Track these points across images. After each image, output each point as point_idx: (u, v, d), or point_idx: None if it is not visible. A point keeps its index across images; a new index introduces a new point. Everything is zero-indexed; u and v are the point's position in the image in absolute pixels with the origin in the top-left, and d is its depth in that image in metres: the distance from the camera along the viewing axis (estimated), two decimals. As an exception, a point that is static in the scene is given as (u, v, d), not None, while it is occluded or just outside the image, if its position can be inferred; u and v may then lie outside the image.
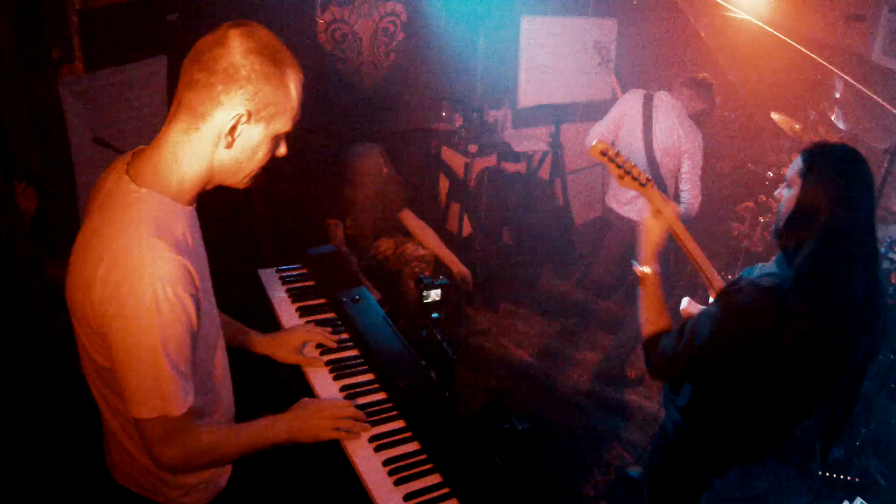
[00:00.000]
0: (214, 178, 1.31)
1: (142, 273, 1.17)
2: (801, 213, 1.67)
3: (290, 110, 1.29)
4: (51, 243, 2.59)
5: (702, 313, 1.77)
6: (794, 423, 1.91)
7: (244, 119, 1.23)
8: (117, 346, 1.21)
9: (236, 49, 1.20)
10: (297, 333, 1.93)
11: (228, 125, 1.23)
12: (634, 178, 1.99)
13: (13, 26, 2.35)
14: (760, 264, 1.93)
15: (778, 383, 1.75)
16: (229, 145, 1.26)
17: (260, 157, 1.31)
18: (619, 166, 1.99)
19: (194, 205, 1.33)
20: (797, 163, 1.72)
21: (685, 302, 2.13)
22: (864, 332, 1.73)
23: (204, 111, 1.22)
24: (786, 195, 1.74)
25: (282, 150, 1.36)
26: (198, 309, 1.27)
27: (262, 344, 1.88)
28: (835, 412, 2.02)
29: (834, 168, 1.65)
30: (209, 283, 1.41)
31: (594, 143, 2.01)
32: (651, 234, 1.93)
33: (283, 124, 1.29)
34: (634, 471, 3.09)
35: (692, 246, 1.97)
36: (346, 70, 4.03)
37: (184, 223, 1.28)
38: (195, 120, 1.23)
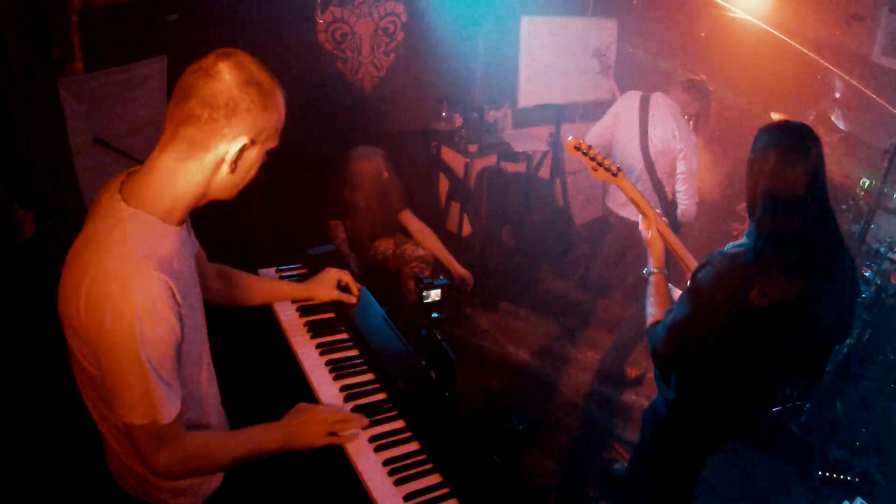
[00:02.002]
0: (208, 196, 1.36)
1: (123, 291, 1.20)
2: (751, 182, 1.87)
3: (279, 128, 1.36)
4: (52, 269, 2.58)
5: (682, 293, 1.94)
6: (772, 387, 2.07)
7: (247, 146, 1.30)
8: (104, 358, 1.24)
9: (232, 83, 1.25)
10: (330, 273, 2.18)
11: (233, 155, 1.29)
12: (606, 170, 2.30)
13: (14, 27, 2.34)
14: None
15: (754, 347, 1.88)
16: (233, 170, 1.32)
17: (253, 173, 1.39)
18: (591, 159, 2.29)
19: (184, 224, 1.38)
20: None
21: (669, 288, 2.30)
22: (831, 293, 1.85)
23: (207, 144, 1.27)
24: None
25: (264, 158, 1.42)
26: (181, 324, 1.30)
27: (302, 290, 2.13)
28: (804, 379, 2.14)
29: (770, 143, 1.83)
30: (197, 301, 1.45)
31: (569, 139, 2.30)
32: (654, 243, 2.23)
33: (274, 141, 1.37)
34: (620, 468, 3.10)
35: (671, 238, 2.27)
36: (346, 70, 4.03)
37: (170, 242, 1.32)
38: (196, 151, 1.27)
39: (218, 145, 1.27)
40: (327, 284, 2.14)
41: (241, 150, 1.29)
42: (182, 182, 1.30)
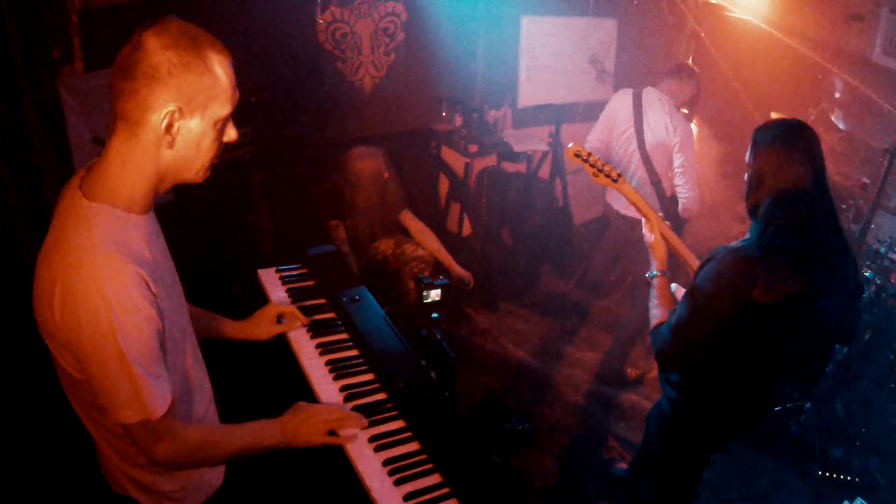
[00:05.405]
0: (165, 179, 1.30)
1: (95, 285, 1.18)
2: (753, 181, 1.89)
3: (223, 92, 1.26)
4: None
5: (686, 291, 1.95)
6: (776, 384, 2.07)
7: (177, 115, 1.22)
8: (85, 359, 1.22)
9: (151, 49, 1.19)
10: (267, 310, 1.97)
11: (163, 125, 1.22)
12: (606, 175, 2.31)
13: (17, 27, 2.35)
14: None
15: (758, 342, 1.88)
16: (171, 144, 1.25)
17: (207, 148, 1.29)
18: (592, 165, 2.31)
19: (149, 212, 1.33)
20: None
21: (672, 287, 2.30)
22: (834, 289, 1.86)
23: (138, 118, 1.21)
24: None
25: (231, 133, 1.33)
26: (159, 313, 1.27)
27: (238, 329, 1.91)
28: (805, 378, 2.17)
29: (771, 140, 1.86)
30: (175, 289, 1.43)
31: (569, 146, 2.31)
32: (657, 247, 2.25)
33: (220, 108, 1.27)
34: (620, 468, 3.10)
35: (674, 240, 2.28)
36: (346, 70, 4.03)
37: (138, 233, 1.28)
38: (132, 128, 1.23)
39: (147, 118, 1.21)
40: (264, 322, 1.95)
41: (171, 120, 1.21)
42: (132, 165, 1.24)
